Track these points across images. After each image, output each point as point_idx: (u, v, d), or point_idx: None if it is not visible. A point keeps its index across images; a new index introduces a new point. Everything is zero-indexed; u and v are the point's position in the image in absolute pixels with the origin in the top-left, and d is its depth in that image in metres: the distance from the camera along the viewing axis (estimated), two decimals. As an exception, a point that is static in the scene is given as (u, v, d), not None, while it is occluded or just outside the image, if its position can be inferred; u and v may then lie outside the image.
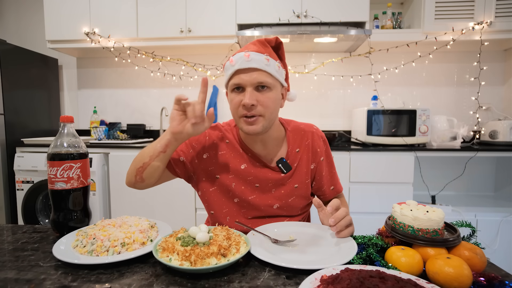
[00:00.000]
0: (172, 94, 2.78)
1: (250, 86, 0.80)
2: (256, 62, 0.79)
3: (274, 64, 0.82)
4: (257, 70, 0.80)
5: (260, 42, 0.85)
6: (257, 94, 0.81)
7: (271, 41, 0.86)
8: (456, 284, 0.49)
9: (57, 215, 0.77)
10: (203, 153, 0.93)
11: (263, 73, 0.80)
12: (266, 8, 2.25)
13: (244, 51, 0.81)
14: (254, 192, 0.92)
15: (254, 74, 0.80)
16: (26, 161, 2.17)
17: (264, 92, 0.82)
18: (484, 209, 2.10)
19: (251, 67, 0.79)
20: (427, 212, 0.62)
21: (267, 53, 0.82)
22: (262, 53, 0.81)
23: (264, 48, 0.84)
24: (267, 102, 0.82)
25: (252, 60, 0.79)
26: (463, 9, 2.17)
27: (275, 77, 0.83)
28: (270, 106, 0.82)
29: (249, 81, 0.80)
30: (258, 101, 0.81)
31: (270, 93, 0.82)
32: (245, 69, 0.80)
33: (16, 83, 2.33)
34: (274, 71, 0.82)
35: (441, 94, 2.59)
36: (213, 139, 0.93)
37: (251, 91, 0.80)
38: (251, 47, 0.83)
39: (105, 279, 0.56)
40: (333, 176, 0.99)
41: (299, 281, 0.54)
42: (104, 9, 2.37)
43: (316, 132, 0.97)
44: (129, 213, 2.01)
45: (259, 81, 0.80)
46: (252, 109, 0.80)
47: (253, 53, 0.80)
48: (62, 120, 0.78)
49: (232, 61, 0.82)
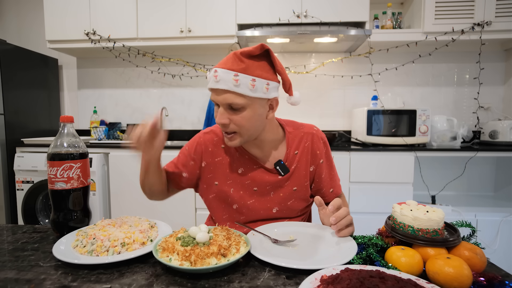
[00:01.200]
0: (172, 94, 2.78)
1: (222, 106, 0.79)
2: (224, 83, 0.75)
3: (245, 82, 0.75)
4: (226, 91, 0.76)
5: (236, 55, 0.77)
6: (230, 113, 0.79)
7: (252, 52, 0.76)
8: (456, 284, 0.49)
9: (57, 215, 0.77)
10: (201, 162, 0.93)
11: (232, 94, 0.76)
12: (266, 8, 2.25)
13: (215, 68, 0.78)
14: (252, 197, 0.91)
15: (224, 95, 0.77)
16: (26, 161, 2.17)
17: (237, 112, 0.78)
18: (484, 209, 2.09)
19: (219, 88, 0.76)
20: (427, 212, 0.62)
21: (238, 70, 0.75)
22: (233, 70, 0.75)
23: (237, 63, 0.75)
24: (239, 121, 0.79)
25: (221, 81, 0.75)
26: (463, 9, 2.17)
27: (248, 96, 0.77)
28: (244, 125, 0.79)
29: (219, 100, 0.78)
30: (231, 120, 0.79)
31: (244, 112, 0.78)
32: (215, 89, 0.78)
33: (16, 83, 2.33)
34: (245, 90, 0.75)
35: (441, 94, 2.59)
36: (209, 146, 0.93)
37: (222, 111, 0.79)
38: (224, 63, 0.77)
39: (105, 279, 0.56)
40: (332, 178, 0.98)
41: (299, 281, 0.54)
42: (104, 9, 2.37)
43: (317, 134, 0.95)
44: (129, 213, 2.01)
45: (228, 103, 0.77)
46: (226, 127, 0.80)
47: (222, 72, 0.75)
48: (62, 120, 0.78)
49: (207, 77, 0.82)
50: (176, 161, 0.95)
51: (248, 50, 0.76)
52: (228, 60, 0.77)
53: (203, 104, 2.76)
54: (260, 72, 0.77)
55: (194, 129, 2.78)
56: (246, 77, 0.75)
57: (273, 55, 0.79)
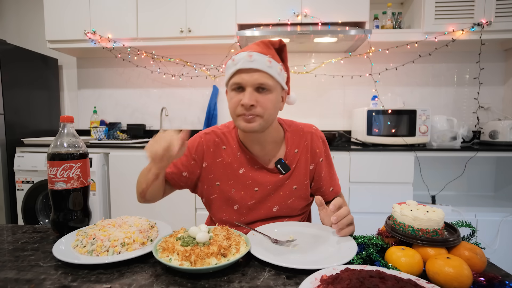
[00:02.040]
0: (172, 94, 2.78)
1: (250, 87, 0.80)
2: (258, 63, 0.79)
3: (276, 67, 0.82)
4: (258, 71, 0.79)
5: (264, 43, 0.84)
6: (257, 95, 0.81)
7: (274, 43, 0.85)
8: (456, 284, 0.49)
9: (57, 215, 0.77)
10: (202, 163, 0.93)
11: (264, 74, 0.80)
12: (266, 8, 2.25)
13: (247, 51, 0.81)
14: (253, 197, 0.91)
15: (256, 75, 0.79)
16: (26, 161, 2.17)
17: (264, 93, 0.81)
18: (484, 209, 2.09)
19: (253, 67, 0.79)
20: (427, 212, 0.62)
21: (270, 55, 0.81)
22: (265, 54, 0.81)
23: (267, 49, 0.83)
24: (266, 103, 0.81)
25: (255, 61, 0.79)
26: (463, 9, 2.17)
27: (276, 80, 0.82)
28: (269, 108, 0.82)
29: (250, 81, 0.80)
30: (257, 102, 0.80)
31: (270, 95, 0.82)
32: (247, 69, 0.79)
33: (16, 83, 2.33)
34: (275, 74, 0.81)
35: (441, 94, 2.59)
36: (210, 147, 0.93)
37: (251, 91, 0.80)
38: (254, 48, 0.82)
39: (105, 279, 0.56)
40: (332, 177, 0.99)
41: (299, 281, 0.54)
42: (104, 9, 2.37)
43: (316, 133, 0.97)
44: (129, 213, 2.00)
45: (259, 82, 0.80)
46: (251, 110, 0.80)
47: (256, 54, 0.79)
48: (62, 120, 0.78)
49: (234, 60, 0.81)
50: (175, 161, 0.94)
51: (272, 42, 0.85)
52: (256, 45, 0.83)
53: (203, 104, 2.76)
54: (280, 62, 0.85)
55: (194, 129, 2.78)
56: (276, 63, 0.82)
57: (286, 52, 0.88)
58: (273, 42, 0.85)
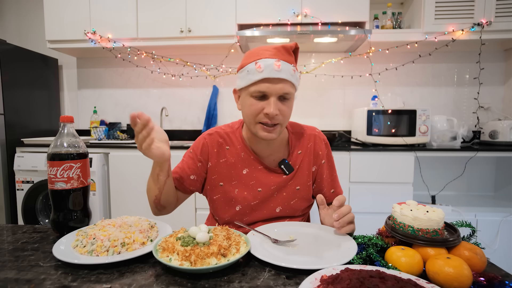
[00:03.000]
0: (172, 94, 2.78)
1: (274, 96, 0.80)
2: (285, 73, 0.78)
3: (296, 74, 0.82)
4: (284, 80, 0.79)
5: (286, 49, 0.82)
6: (279, 104, 0.81)
7: (292, 47, 0.84)
8: (456, 284, 0.49)
9: (57, 215, 0.77)
10: (207, 163, 0.94)
11: (289, 83, 0.80)
12: (266, 8, 2.25)
13: (274, 58, 0.79)
14: (257, 197, 0.92)
15: (281, 85, 0.79)
16: (26, 161, 2.16)
17: (286, 102, 0.82)
18: (484, 209, 2.09)
19: (280, 77, 0.78)
20: (427, 212, 0.62)
21: (293, 63, 0.82)
22: (290, 62, 0.81)
23: (290, 56, 0.83)
24: (286, 111, 0.82)
25: (283, 71, 0.78)
26: (463, 9, 2.17)
27: (295, 86, 0.84)
28: (288, 115, 0.84)
29: (275, 90, 0.79)
30: (280, 110, 0.81)
31: (290, 102, 0.83)
32: (273, 78, 0.79)
33: (16, 83, 2.33)
34: (296, 81, 0.82)
35: (441, 94, 2.59)
36: (214, 147, 0.93)
37: (275, 101, 0.80)
38: (279, 54, 0.80)
39: (105, 279, 0.56)
40: (333, 179, 0.99)
41: (299, 281, 0.54)
42: (104, 9, 2.37)
43: (319, 135, 0.98)
44: (129, 213, 2.00)
45: (285, 92, 0.80)
46: (275, 119, 0.81)
47: (284, 63, 0.79)
48: (62, 120, 0.78)
49: (260, 67, 0.78)
50: (182, 165, 0.93)
51: (290, 46, 0.83)
52: (279, 52, 0.81)
53: (203, 104, 2.76)
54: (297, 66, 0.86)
55: (194, 129, 2.78)
56: (295, 69, 0.83)
57: (298, 53, 0.87)
58: (291, 47, 0.84)
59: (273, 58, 0.79)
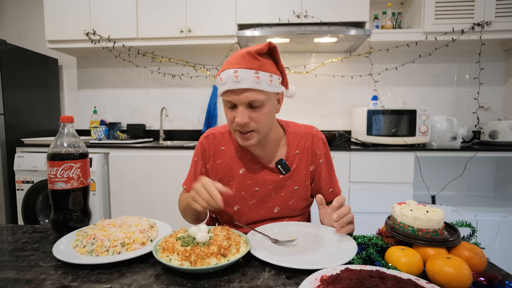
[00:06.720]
0: (172, 94, 2.78)
1: (241, 105, 0.79)
2: (245, 82, 0.75)
3: (265, 78, 0.77)
4: (247, 90, 0.77)
5: (250, 55, 0.77)
6: (250, 111, 0.79)
7: (262, 50, 0.78)
8: (456, 284, 0.49)
9: (57, 215, 0.77)
10: (207, 166, 0.96)
11: (253, 91, 0.77)
12: (266, 8, 2.25)
13: (233, 68, 0.76)
14: (254, 197, 0.92)
15: (245, 94, 0.77)
16: (26, 161, 2.16)
17: (257, 109, 0.80)
18: (484, 209, 2.09)
19: (240, 87, 0.76)
20: (427, 212, 0.62)
21: (256, 68, 0.76)
22: (252, 68, 0.76)
23: (253, 62, 0.77)
24: (259, 118, 0.80)
25: (242, 81, 0.75)
26: (463, 9, 2.17)
27: (267, 92, 0.79)
28: (262, 121, 0.81)
29: (240, 99, 0.78)
30: (251, 118, 0.80)
31: (263, 109, 0.80)
32: (235, 89, 0.77)
33: (16, 83, 2.33)
34: (265, 87, 0.77)
35: (441, 94, 2.59)
36: (210, 149, 0.95)
37: (242, 110, 0.79)
38: (240, 62, 0.77)
39: (105, 279, 0.56)
40: (332, 178, 0.99)
41: (299, 281, 0.54)
42: (104, 9, 2.37)
43: (316, 134, 0.97)
44: (129, 213, 2.01)
45: (250, 100, 0.78)
46: (245, 127, 0.80)
47: (242, 71, 0.75)
48: (62, 120, 0.78)
49: (222, 79, 0.78)
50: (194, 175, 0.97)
51: (259, 48, 0.78)
52: (242, 59, 0.77)
53: (203, 104, 2.76)
54: (272, 68, 0.80)
55: (194, 129, 2.78)
56: (265, 74, 0.77)
57: (277, 52, 0.82)
58: (260, 49, 0.78)
59: (233, 67, 0.76)
